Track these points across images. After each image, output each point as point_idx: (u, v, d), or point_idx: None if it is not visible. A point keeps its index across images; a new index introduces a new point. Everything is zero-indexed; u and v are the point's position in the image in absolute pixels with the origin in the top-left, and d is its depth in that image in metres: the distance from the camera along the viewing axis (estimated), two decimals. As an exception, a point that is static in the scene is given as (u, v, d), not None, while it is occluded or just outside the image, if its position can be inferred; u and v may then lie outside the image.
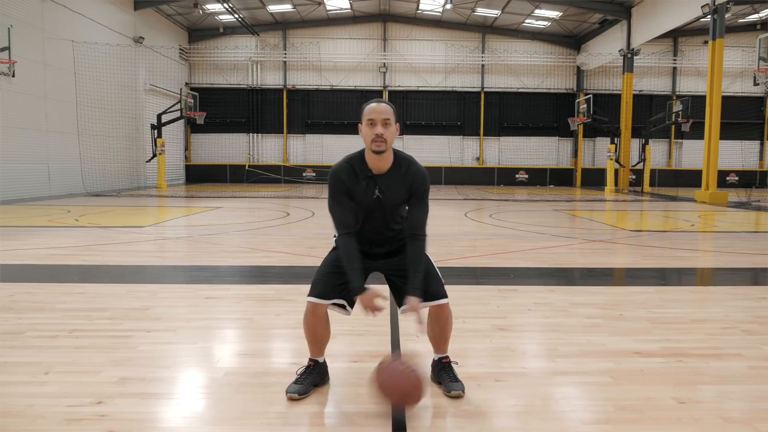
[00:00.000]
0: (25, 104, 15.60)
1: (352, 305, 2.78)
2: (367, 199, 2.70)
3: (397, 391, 2.35)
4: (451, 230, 9.49)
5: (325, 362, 2.87)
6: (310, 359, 2.83)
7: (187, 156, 27.95)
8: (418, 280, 2.64)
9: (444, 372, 2.82)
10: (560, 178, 28.45)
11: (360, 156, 2.72)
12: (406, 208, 2.81)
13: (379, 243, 2.85)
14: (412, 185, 2.69)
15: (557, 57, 28.01)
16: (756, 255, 7.24)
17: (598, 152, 28.41)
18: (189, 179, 27.55)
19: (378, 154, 2.62)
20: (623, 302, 4.61)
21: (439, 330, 2.83)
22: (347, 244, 2.68)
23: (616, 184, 23.11)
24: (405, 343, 3.51)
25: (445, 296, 2.76)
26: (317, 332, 2.79)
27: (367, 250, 2.82)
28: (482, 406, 2.63)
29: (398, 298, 2.81)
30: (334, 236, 2.85)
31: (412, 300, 2.61)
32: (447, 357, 2.87)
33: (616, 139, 22.83)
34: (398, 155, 2.72)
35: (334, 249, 2.87)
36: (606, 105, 25.78)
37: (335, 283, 2.72)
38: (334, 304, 2.74)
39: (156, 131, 20.48)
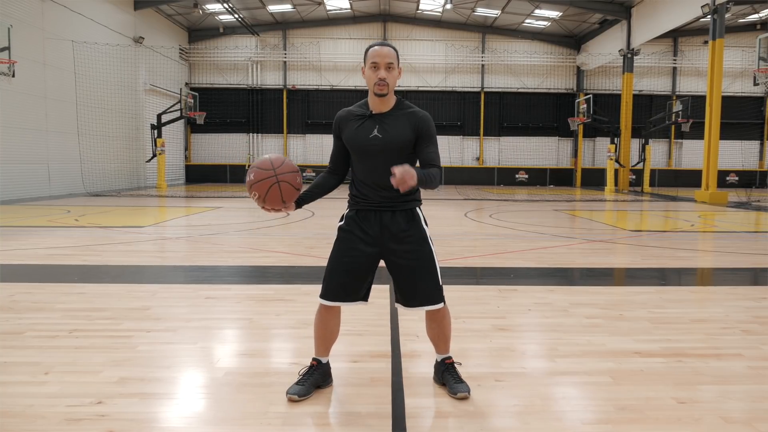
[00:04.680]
0: (25, 104, 15.59)
1: (365, 298, 2.77)
2: (361, 138, 2.67)
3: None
4: (451, 230, 9.49)
5: (328, 363, 2.85)
6: (314, 359, 2.82)
7: (187, 156, 27.94)
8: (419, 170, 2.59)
9: (448, 373, 2.81)
10: (560, 178, 28.44)
11: (365, 101, 2.78)
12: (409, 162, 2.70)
13: (381, 190, 2.70)
14: (417, 125, 2.69)
15: (557, 57, 28.00)
16: (756, 255, 7.24)
17: (598, 152, 28.40)
18: (189, 179, 27.54)
19: (380, 96, 2.67)
20: (623, 302, 4.61)
21: (437, 330, 2.83)
22: (321, 177, 2.83)
23: (616, 184, 23.11)
24: (405, 343, 3.51)
25: (440, 301, 2.74)
26: (328, 326, 2.78)
27: (371, 197, 2.71)
28: (482, 406, 2.63)
29: (399, 295, 2.77)
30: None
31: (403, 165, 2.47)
32: (450, 358, 2.86)
33: (616, 139, 22.82)
34: (400, 99, 2.75)
35: (337, 236, 2.79)
36: (606, 105, 25.78)
37: (342, 282, 2.69)
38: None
39: (156, 131, 20.48)
